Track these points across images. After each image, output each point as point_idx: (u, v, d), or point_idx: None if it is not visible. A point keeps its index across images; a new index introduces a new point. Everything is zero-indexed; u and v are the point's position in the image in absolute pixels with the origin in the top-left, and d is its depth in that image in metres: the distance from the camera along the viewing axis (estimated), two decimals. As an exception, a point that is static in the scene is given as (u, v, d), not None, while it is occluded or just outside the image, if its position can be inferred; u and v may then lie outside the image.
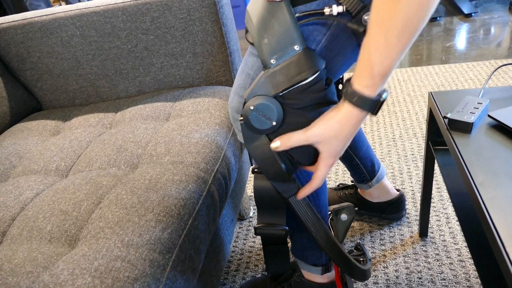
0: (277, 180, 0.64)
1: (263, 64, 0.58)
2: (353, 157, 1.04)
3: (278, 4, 0.55)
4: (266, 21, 0.56)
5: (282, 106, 0.58)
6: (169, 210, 0.65)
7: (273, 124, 0.59)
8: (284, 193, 0.65)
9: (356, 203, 1.15)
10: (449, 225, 1.09)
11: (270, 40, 0.56)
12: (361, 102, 0.51)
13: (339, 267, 0.74)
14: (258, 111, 0.58)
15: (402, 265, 1.00)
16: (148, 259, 0.57)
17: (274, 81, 0.57)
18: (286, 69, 0.56)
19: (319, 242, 0.70)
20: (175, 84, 1.16)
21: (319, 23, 0.57)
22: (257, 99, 0.58)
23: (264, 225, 0.71)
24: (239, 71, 0.70)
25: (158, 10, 1.04)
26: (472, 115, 0.69)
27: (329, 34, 0.58)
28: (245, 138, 0.62)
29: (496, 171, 0.58)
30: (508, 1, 2.91)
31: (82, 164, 0.84)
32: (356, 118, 0.53)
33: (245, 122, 0.60)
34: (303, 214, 0.68)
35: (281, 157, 0.62)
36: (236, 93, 0.70)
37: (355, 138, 1.01)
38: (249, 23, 0.59)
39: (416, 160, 1.38)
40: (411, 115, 1.67)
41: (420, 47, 2.41)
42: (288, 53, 0.56)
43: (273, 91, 0.57)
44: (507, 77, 1.83)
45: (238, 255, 1.13)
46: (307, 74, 0.55)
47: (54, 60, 1.14)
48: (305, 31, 0.58)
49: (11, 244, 0.64)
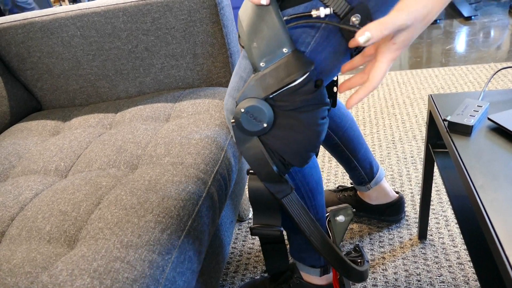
0: (269, 181, 0.65)
1: (253, 67, 0.59)
2: (351, 159, 1.04)
3: (266, 8, 0.56)
4: (255, 25, 0.57)
5: (273, 108, 0.59)
6: (168, 211, 0.65)
7: (264, 126, 0.59)
8: (277, 194, 0.66)
9: (355, 205, 1.15)
10: (448, 227, 1.09)
11: (259, 43, 0.57)
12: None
13: (335, 269, 0.74)
14: (249, 114, 0.59)
15: (401, 267, 1.00)
16: (148, 260, 0.57)
17: (264, 83, 0.58)
18: (276, 72, 0.57)
19: (314, 243, 0.70)
20: (175, 85, 1.16)
21: (308, 26, 0.58)
22: (248, 102, 0.58)
23: (259, 225, 0.71)
24: (233, 73, 0.71)
25: (159, 11, 1.04)
26: (472, 118, 0.69)
27: (318, 36, 0.59)
28: (237, 139, 0.63)
29: (496, 174, 0.58)
30: (508, 4, 2.92)
31: (81, 164, 0.84)
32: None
33: (237, 124, 0.61)
34: (297, 215, 0.68)
35: (272, 158, 0.62)
36: (230, 95, 0.70)
37: (352, 140, 1.01)
38: (240, 28, 0.60)
39: (415, 163, 1.38)
40: (410, 118, 1.67)
41: (420, 50, 2.42)
42: (277, 56, 0.57)
43: (263, 93, 0.58)
44: (506, 80, 1.84)
45: (237, 257, 1.12)
46: (296, 76, 0.56)
47: (55, 60, 1.14)
48: (294, 34, 0.59)
49: (10, 244, 0.64)
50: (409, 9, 0.46)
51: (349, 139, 1.01)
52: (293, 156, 0.62)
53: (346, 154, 1.03)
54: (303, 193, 0.78)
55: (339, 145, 1.02)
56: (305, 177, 0.77)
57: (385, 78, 2.08)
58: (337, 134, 1.00)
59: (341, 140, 1.01)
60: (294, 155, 0.62)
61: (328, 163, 1.47)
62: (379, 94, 1.93)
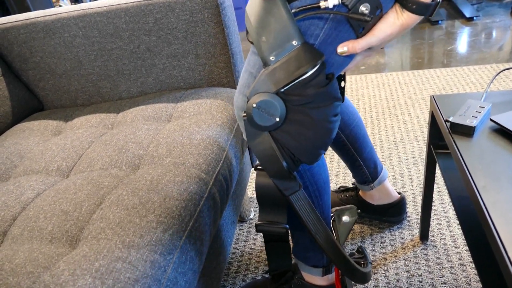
0: (278, 178, 0.65)
1: (263, 61, 0.59)
2: (356, 157, 1.04)
3: (273, 1, 0.56)
4: (263, 19, 0.57)
5: (285, 102, 0.58)
6: (170, 211, 0.65)
7: (276, 120, 0.59)
8: (285, 191, 0.66)
9: (357, 205, 1.15)
10: (450, 228, 1.09)
11: (268, 37, 0.57)
12: (419, 8, 0.55)
13: (339, 269, 0.74)
14: (261, 108, 0.58)
15: (403, 268, 1.00)
16: (149, 260, 0.57)
17: (275, 77, 0.57)
18: (286, 65, 0.57)
19: (319, 241, 0.70)
20: (177, 85, 1.16)
21: (316, 17, 0.58)
22: (259, 96, 0.58)
23: (265, 222, 0.71)
24: (242, 70, 0.71)
25: (160, 11, 1.04)
26: (474, 119, 0.69)
27: (326, 28, 0.58)
28: (248, 135, 0.63)
29: (498, 175, 0.58)
30: (510, 5, 2.91)
31: (83, 164, 0.84)
32: (414, 23, 0.57)
33: (248, 119, 0.60)
34: (303, 213, 0.68)
35: (282, 154, 0.62)
36: (240, 92, 0.70)
37: (358, 139, 1.01)
38: (248, 23, 0.60)
39: (417, 163, 1.38)
40: (412, 118, 1.67)
41: (422, 50, 2.42)
42: (287, 49, 0.57)
43: (274, 87, 0.58)
44: (508, 81, 1.83)
45: (238, 257, 1.12)
46: (306, 68, 0.56)
47: (57, 60, 1.15)
48: (303, 26, 0.58)
49: (12, 244, 0.64)
50: (378, 35, 0.58)
51: (356, 137, 1.01)
52: (303, 152, 0.62)
53: (352, 152, 1.03)
54: (311, 192, 0.78)
55: (345, 143, 1.02)
56: (314, 176, 0.77)
57: (387, 78, 2.08)
58: (344, 132, 1.00)
59: (347, 138, 1.01)
60: (304, 151, 0.62)
61: (329, 163, 1.47)
62: (381, 94, 1.93)
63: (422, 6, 0.55)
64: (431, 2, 0.55)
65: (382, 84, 2.04)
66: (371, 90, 1.99)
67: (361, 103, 1.88)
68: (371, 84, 2.06)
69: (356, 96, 1.95)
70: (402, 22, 0.57)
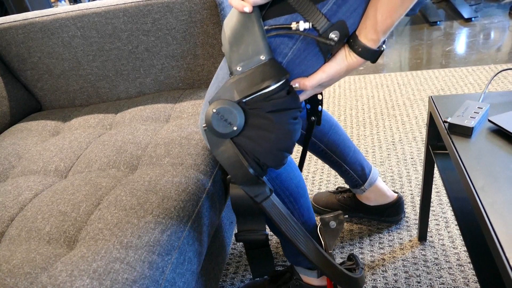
0: (247, 185, 0.64)
1: (230, 71, 0.61)
2: (341, 163, 1.04)
3: (249, 15, 0.59)
4: (237, 32, 0.60)
5: (245, 111, 0.60)
6: (168, 212, 0.65)
7: (234, 129, 0.60)
8: (256, 197, 0.65)
9: (354, 206, 1.15)
10: (448, 229, 1.09)
11: (238, 48, 0.60)
12: (365, 53, 0.60)
13: (323, 273, 0.73)
14: (220, 115, 0.59)
15: (401, 269, 1.00)
16: (147, 261, 0.56)
17: (239, 87, 0.59)
18: (251, 77, 0.59)
19: (299, 246, 0.70)
20: (176, 86, 1.16)
21: (287, 36, 0.60)
22: (220, 103, 0.59)
23: (244, 231, 0.71)
24: (210, 84, 0.72)
25: (159, 11, 1.04)
26: (473, 119, 0.69)
27: (295, 48, 0.61)
28: (210, 143, 0.63)
29: (496, 175, 0.58)
30: (508, 6, 2.92)
31: (81, 165, 0.84)
32: (359, 65, 0.62)
33: (208, 126, 0.61)
34: (278, 219, 0.68)
35: (247, 160, 0.62)
36: (206, 105, 0.70)
37: (338, 145, 1.02)
38: (223, 34, 0.62)
39: (415, 164, 1.38)
40: (410, 119, 1.67)
41: (420, 51, 2.42)
42: (254, 62, 0.59)
43: (236, 96, 0.59)
44: (506, 81, 1.84)
45: (236, 258, 1.12)
46: (270, 82, 0.58)
47: (55, 60, 1.14)
48: (273, 43, 0.61)
49: (9, 244, 0.64)
50: (327, 72, 0.63)
51: (335, 144, 1.01)
52: (267, 156, 0.62)
53: (335, 159, 1.03)
54: (284, 197, 0.78)
55: (326, 151, 1.02)
56: (283, 182, 0.77)
57: (385, 79, 2.09)
58: (322, 140, 1.00)
59: (327, 146, 1.01)
60: (267, 154, 0.62)
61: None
62: (379, 95, 1.93)
63: (368, 51, 0.60)
64: (376, 49, 0.60)
65: (381, 84, 2.04)
66: (370, 90, 1.99)
67: (360, 103, 1.88)
68: (369, 84, 2.06)
69: (355, 97, 1.95)
70: (348, 62, 0.62)
